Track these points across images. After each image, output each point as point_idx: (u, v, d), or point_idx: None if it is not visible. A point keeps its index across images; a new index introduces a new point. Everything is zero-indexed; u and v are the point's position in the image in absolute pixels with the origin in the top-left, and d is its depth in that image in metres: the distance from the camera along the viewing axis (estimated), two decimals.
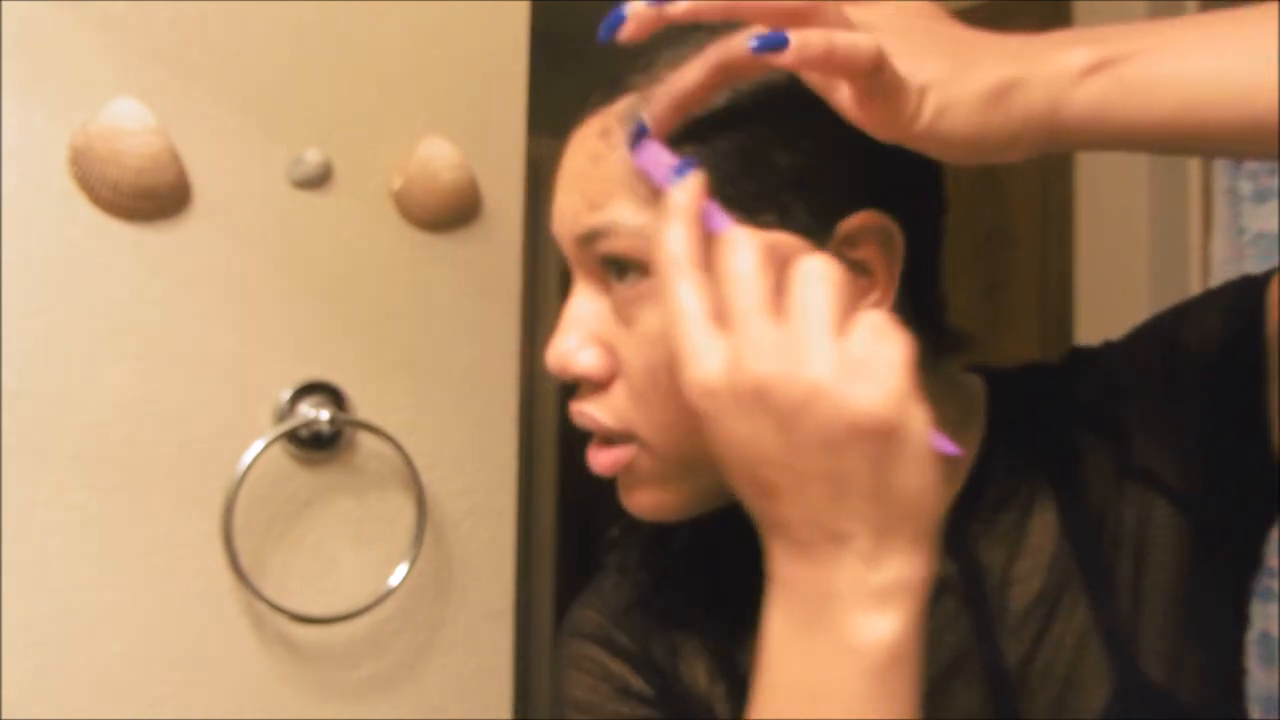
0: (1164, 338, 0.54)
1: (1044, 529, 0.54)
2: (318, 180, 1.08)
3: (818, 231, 0.48)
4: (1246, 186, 1.73)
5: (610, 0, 0.45)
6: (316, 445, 1.07)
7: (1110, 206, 1.80)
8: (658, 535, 0.61)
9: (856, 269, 0.49)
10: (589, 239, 0.50)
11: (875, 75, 0.41)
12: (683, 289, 0.42)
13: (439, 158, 1.13)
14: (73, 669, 0.96)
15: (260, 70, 1.05)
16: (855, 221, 0.48)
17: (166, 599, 1.00)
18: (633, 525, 0.62)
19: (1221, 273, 1.77)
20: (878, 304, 0.48)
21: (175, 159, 0.99)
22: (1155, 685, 0.52)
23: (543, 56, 1.35)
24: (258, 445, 1.01)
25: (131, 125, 0.96)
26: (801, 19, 0.41)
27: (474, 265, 1.18)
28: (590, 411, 0.53)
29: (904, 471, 0.40)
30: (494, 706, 1.19)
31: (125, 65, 0.98)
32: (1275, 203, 1.70)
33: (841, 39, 0.40)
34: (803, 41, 0.40)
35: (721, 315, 0.41)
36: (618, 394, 0.51)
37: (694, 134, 0.49)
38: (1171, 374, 0.53)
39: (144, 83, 0.99)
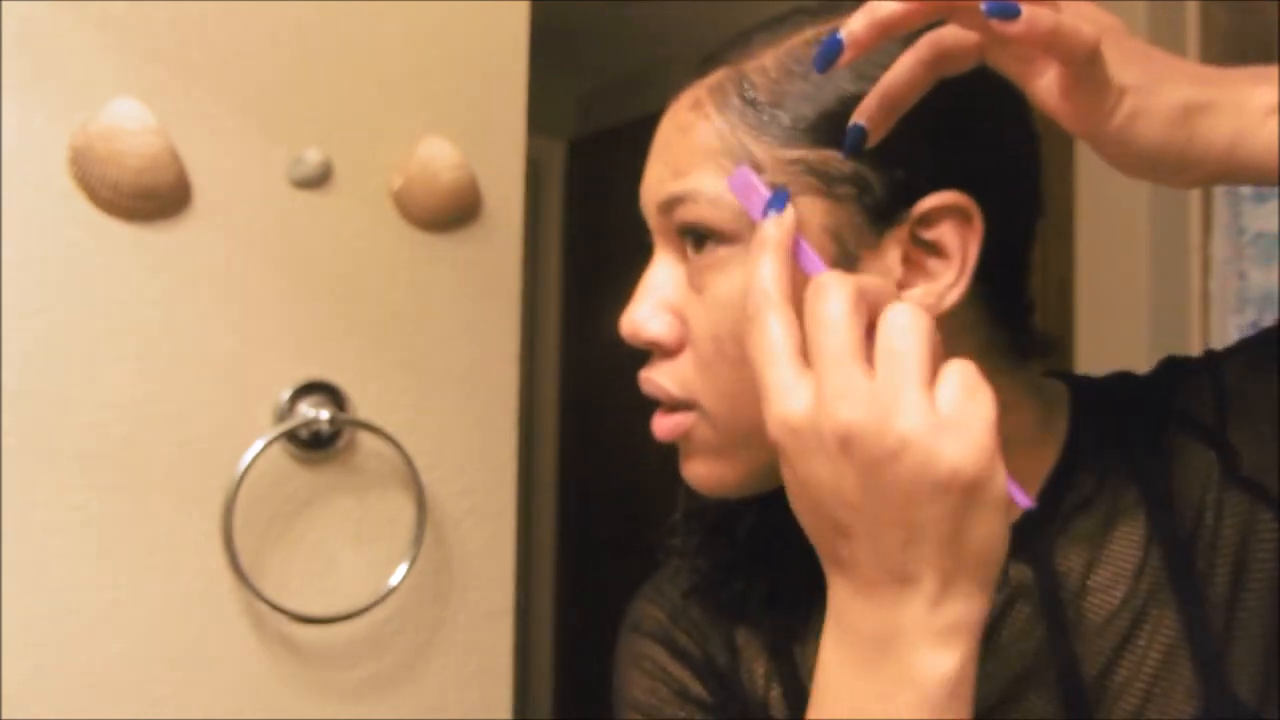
0: None
1: (1129, 537, 0.54)
2: (318, 180, 1.08)
3: (894, 208, 0.48)
4: (1246, 186, 1.73)
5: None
6: (316, 445, 1.07)
7: (1110, 206, 1.80)
8: (720, 521, 0.61)
9: (932, 249, 0.49)
10: (670, 205, 0.52)
11: (1089, 65, 0.41)
12: (772, 323, 0.43)
13: (439, 158, 1.13)
14: (73, 669, 0.96)
15: (260, 70, 1.05)
16: (933, 200, 0.48)
17: (166, 599, 1.00)
18: (696, 510, 0.62)
19: (1221, 273, 1.77)
20: (952, 287, 0.49)
21: (175, 159, 0.99)
22: (1243, 702, 0.51)
23: (543, 56, 1.35)
24: (258, 445, 1.01)
25: (131, 125, 0.96)
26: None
27: (474, 265, 1.18)
28: (657, 379, 0.54)
29: (979, 523, 0.41)
30: (494, 706, 1.19)
31: (125, 65, 0.98)
32: (1275, 203, 1.70)
33: (1068, 21, 0.40)
34: (1033, 15, 0.40)
35: (809, 357, 0.42)
36: (685, 362, 0.53)
37: (779, 102, 0.49)
38: None
39: (144, 83, 0.99)
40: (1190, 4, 1.79)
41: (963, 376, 0.41)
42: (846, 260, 0.49)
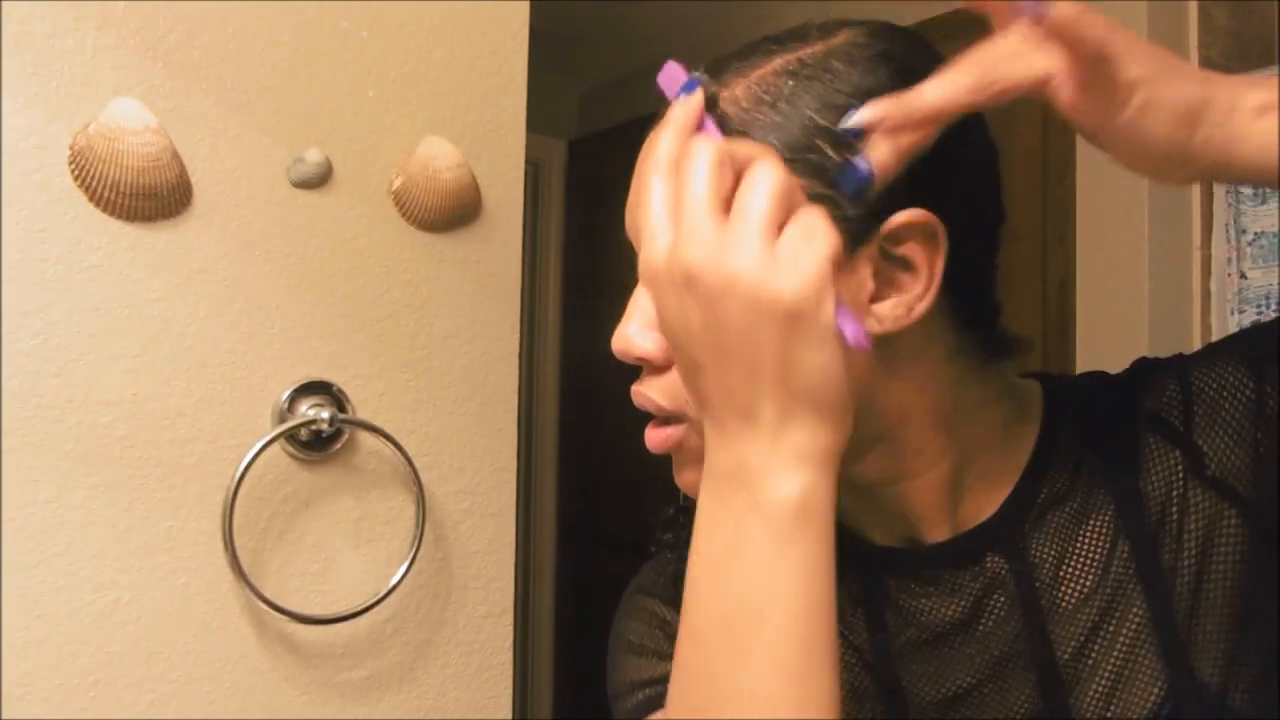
0: (1253, 360, 0.55)
1: (1099, 531, 0.56)
2: (318, 180, 1.08)
3: (864, 228, 0.51)
4: (1246, 186, 1.74)
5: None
6: (316, 445, 1.07)
7: (1110, 206, 1.80)
8: None
9: (900, 264, 0.51)
10: None
11: (1101, 60, 0.44)
12: (655, 184, 0.47)
13: (439, 158, 1.13)
14: (73, 669, 0.96)
15: (260, 70, 1.05)
16: (900, 218, 0.51)
17: (166, 599, 1.00)
18: (686, 506, 0.65)
19: (1221, 273, 1.77)
20: (920, 299, 0.51)
21: (175, 159, 0.99)
22: (1208, 687, 0.53)
23: (543, 56, 1.35)
24: (258, 445, 1.01)
25: (132, 125, 0.96)
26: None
27: (474, 265, 1.18)
28: (647, 393, 0.56)
29: (808, 353, 0.44)
30: (494, 706, 1.19)
31: (125, 65, 0.98)
32: (1275, 203, 1.70)
33: (1082, 15, 0.44)
34: (1052, 8, 0.43)
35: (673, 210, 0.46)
36: (674, 377, 0.55)
37: (749, 131, 0.51)
38: (1260, 396, 0.54)
39: (144, 83, 0.99)
40: (1190, 4, 1.79)
41: (803, 223, 0.45)
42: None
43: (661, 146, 0.48)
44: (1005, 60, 0.45)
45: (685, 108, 0.49)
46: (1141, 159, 0.47)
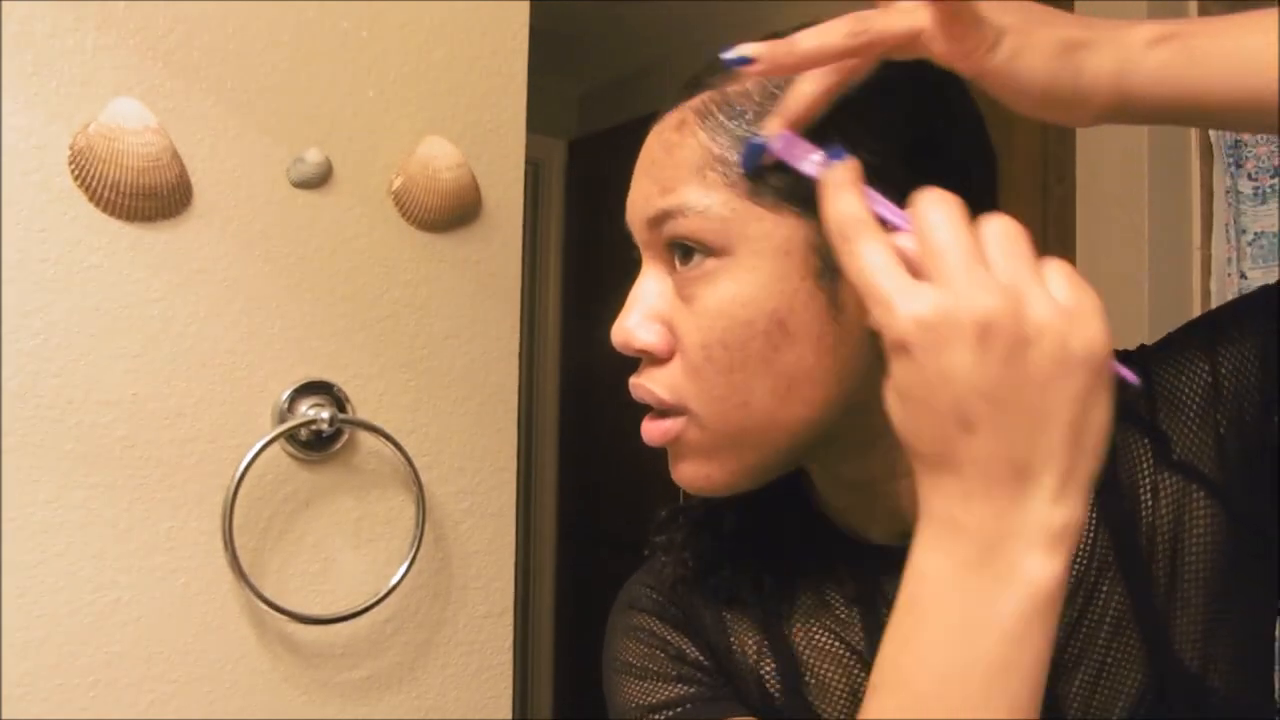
0: (1207, 344, 0.56)
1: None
2: (318, 180, 1.08)
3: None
4: (1247, 186, 1.73)
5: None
6: (316, 445, 1.07)
7: (1110, 206, 1.80)
8: (705, 517, 0.64)
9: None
10: (659, 220, 0.54)
11: (960, 9, 0.45)
12: (871, 240, 0.45)
13: (439, 158, 1.13)
14: (73, 669, 0.96)
15: (260, 70, 1.05)
16: None
17: (166, 599, 1.00)
18: (681, 508, 0.66)
19: (1221, 273, 1.77)
20: None
21: (175, 159, 0.99)
22: (1187, 670, 0.54)
23: (543, 56, 1.35)
24: (258, 445, 1.01)
25: (132, 125, 0.96)
26: None
27: (474, 265, 1.18)
28: (647, 385, 0.56)
29: (1099, 406, 0.43)
30: (494, 706, 1.19)
31: (125, 65, 0.98)
32: (1275, 203, 1.70)
33: None
34: None
35: (927, 263, 0.44)
36: (674, 369, 0.55)
37: (762, 123, 0.52)
38: (1215, 379, 0.55)
39: (144, 83, 0.99)
40: (1190, 4, 1.79)
41: (1068, 271, 0.44)
42: (828, 273, 0.51)
43: (849, 205, 0.46)
44: (878, 15, 0.47)
45: (848, 171, 0.48)
46: (1027, 101, 0.48)
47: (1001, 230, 0.44)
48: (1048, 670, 0.44)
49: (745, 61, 0.48)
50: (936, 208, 0.44)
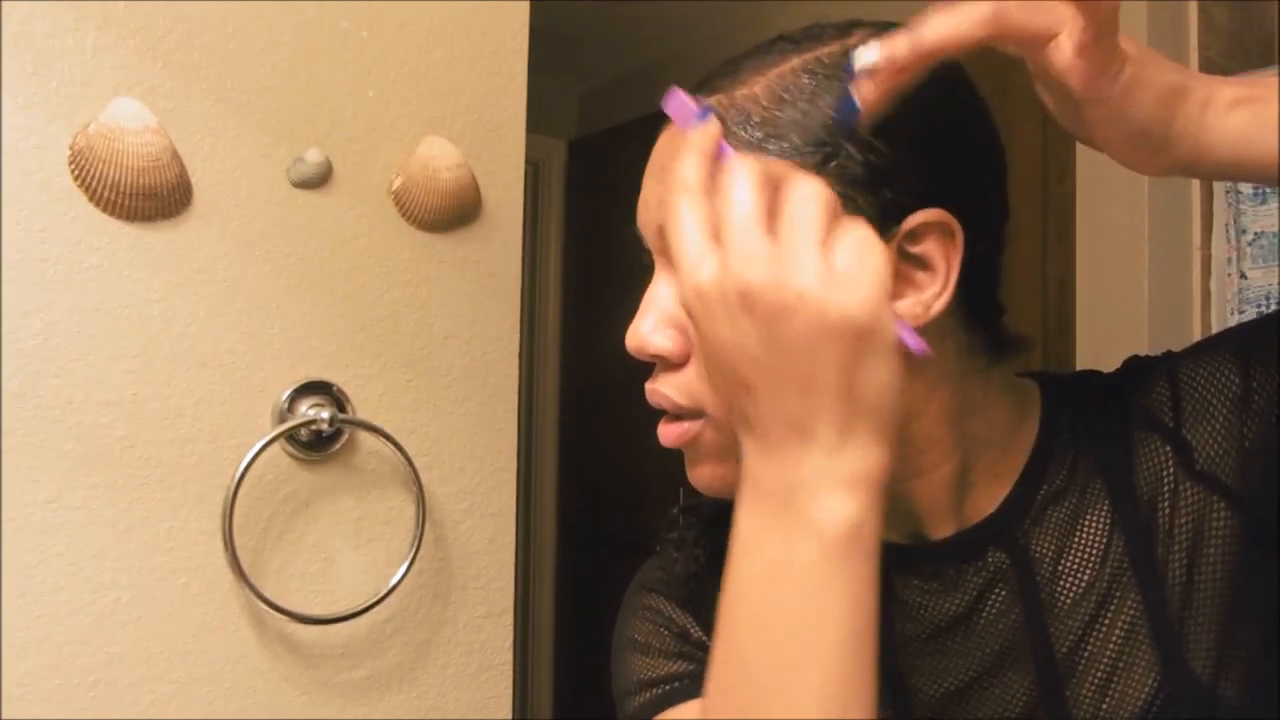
0: (1239, 355, 0.56)
1: (1096, 525, 0.57)
2: (318, 180, 1.08)
3: (883, 226, 0.51)
4: (1247, 186, 1.73)
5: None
6: (316, 445, 1.07)
7: (1110, 206, 1.80)
8: (716, 515, 0.64)
9: (918, 263, 0.52)
10: None
11: (1110, 24, 0.44)
12: (685, 206, 0.47)
13: (439, 158, 1.13)
14: (73, 669, 0.96)
15: (260, 70, 1.05)
16: (919, 218, 0.51)
17: (166, 599, 1.00)
18: (692, 505, 0.66)
19: (1221, 273, 1.77)
20: (937, 297, 0.52)
21: (175, 159, 0.99)
22: (1199, 678, 0.54)
23: (543, 56, 1.35)
24: (258, 445, 1.01)
25: (131, 125, 0.96)
26: None
27: (474, 265, 1.18)
28: (662, 390, 0.56)
29: (870, 371, 0.44)
30: (494, 706, 1.19)
31: (125, 65, 0.98)
32: (1275, 203, 1.70)
33: None
34: None
35: (717, 231, 0.45)
36: (689, 373, 0.55)
37: (771, 128, 0.52)
38: (1246, 391, 0.55)
39: (144, 83, 0.99)
40: (1190, 4, 1.79)
41: (855, 237, 0.45)
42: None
43: (685, 171, 0.47)
44: (1019, 7, 0.46)
45: (704, 134, 0.48)
46: (1122, 138, 0.48)
47: (795, 195, 0.45)
48: (872, 624, 0.45)
49: (866, 72, 0.48)
50: (733, 173, 0.46)
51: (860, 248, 0.44)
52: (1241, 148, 0.47)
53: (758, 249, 0.44)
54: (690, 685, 0.61)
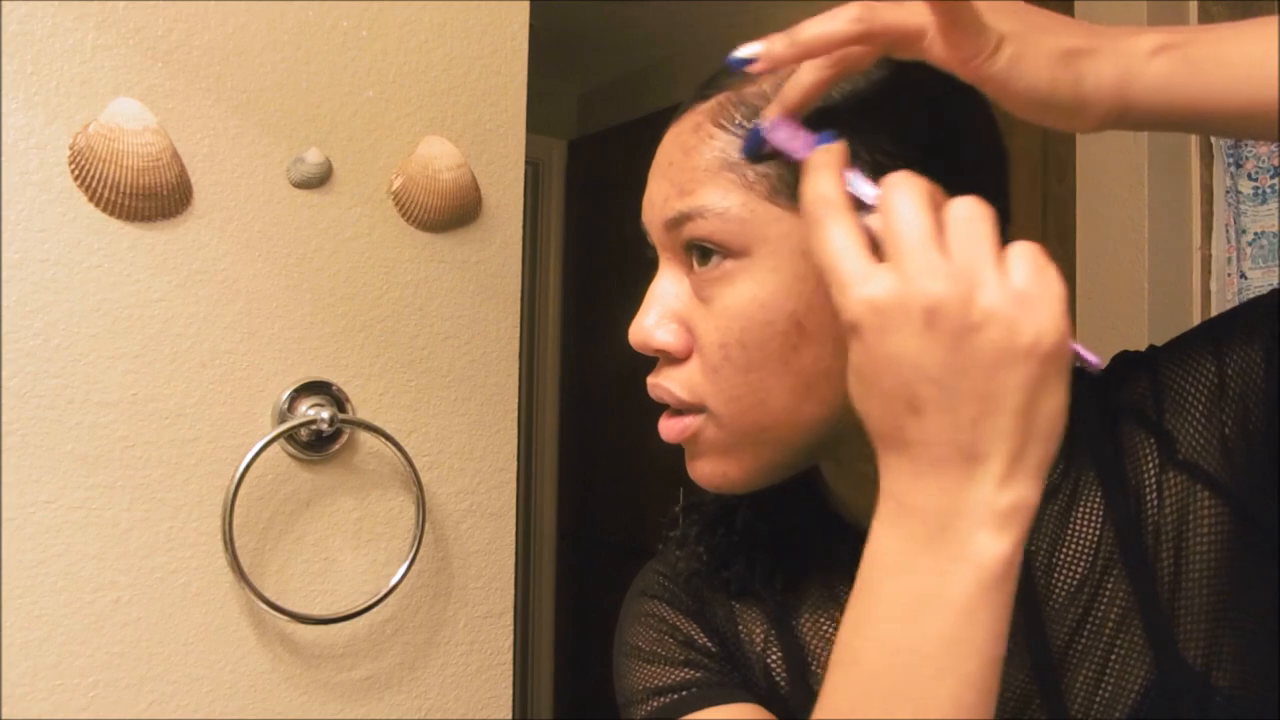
0: (1214, 345, 0.57)
1: (1088, 518, 0.58)
2: (318, 180, 1.08)
3: None
4: (1246, 186, 1.74)
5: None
6: (316, 445, 1.07)
7: (1110, 206, 1.80)
8: (718, 513, 0.65)
9: None
10: (677, 222, 0.55)
11: (957, 8, 0.45)
12: (840, 221, 0.46)
13: (439, 158, 1.13)
14: (72, 669, 0.96)
15: (260, 70, 1.05)
16: None
17: (167, 599, 1.00)
18: (694, 504, 0.67)
19: (1221, 273, 1.77)
20: None
21: (175, 159, 0.99)
22: (1192, 668, 0.54)
23: (543, 56, 1.35)
24: (258, 445, 1.01)
25: (131, 125, 0.96)
26: None
27: (474, 265, 1.18)
28: (665, 384, 0.56)
29: (1050, 394, 0.43)
30: (494, 706, 1.19)
31: (125, 65, 0.98)
32: (1275, 203, 1.70)
33: None
34: None
35: (887, 246, 0.44)
36: (691, 369, 0.55)
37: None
38: (1221, 379, 0.55)
39: (144, 83, 0.99)
40: (1190, 4, 1.79)
41: (1031, 256, 0.44)
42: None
43: (824, 189, 0.47)
44: (886, 7, 0.47)
45: (833, 154, 0.48)
46: (1027, 107, 0.48)
47: (964, 214, 0.44)
48: (1004, 650, 0.44)
49: (747, 62, 0.48)
50: (900, 190, 0.45)
51: (1036, 265, 0.43)
52: (1169, 95, 0.47)
53: (939, 264, 0.43)
54: (702, 693, 0.61)
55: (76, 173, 0.95)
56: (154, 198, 0.98)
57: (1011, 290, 0.42)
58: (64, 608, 0.95)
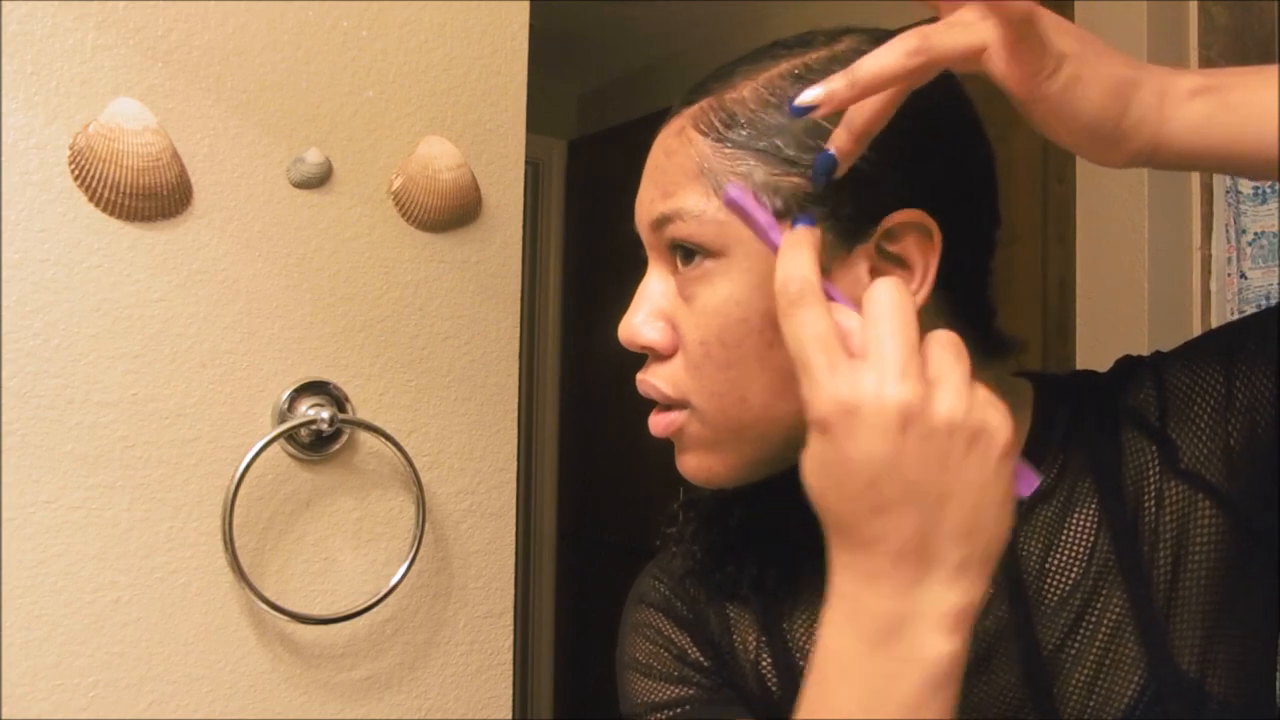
0: (1223, 354, 0.57)
1: (1084, 523, 0.58)
2: (318, 180, 1.08)
3: (862, 225, 0.52)
4: (1246, 186, 1.73)
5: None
6: (316, 445, 1.07)
7: (1110, 206, 1.80)
8: (714, 511, 0.66)
9: (896, 262, 0.53)
10: (660, 223, 0.56)
11: (1027, 24, 0.45)
12: (811, 309, 0.46)
13: (439, 158, 1.13)
14: (72, 669, 0.96)
15: (260, 70, 1.05)
16: (896, 218, 0.52)
17: (166, 599, 1.00)
18: (691, 502, 0.68)
19: (1221, 273, 1.77)
20: (914, 295, 0.52)
21: (175, 159, 0.99)
22: (1186, 675, 0.55)
23: (543, 56, 1.35)
24: (258, 445, 1.01)
25: (131, 125, 0.96)
26: None
27: (474, 265, 1.18)
28: (651, 380, 0.58)
29: (1002, 491, 0.45)
30: (494, 706, 1.19)
31: (125, 65, 0.98)
32: (1275, 203, 1.70)
33: None
34: None
35: (864, 343, 0.45)
36: (676, 365, 0.57)
37: (755, 131, 0.53)
38: (1229, 390, 0.56)
39: (144, 83, 0.99)
40: (1190, 4, 1.79)
41: (983, 384, 0.46)
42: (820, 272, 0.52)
43: (795, 270, 0.47)
44: (941, 30, 0.47)
45: (809, 236, 0.49)
46: (1073, 132, 0.48)
47: (945, 336, 0.46)
48: None
49: (811, 109, 0.48)
50: (888, 291, 0.46)
51: (989, 393, 0.46)
52: (1203, 137, 0.47)
53: (916, 369, 0.44)
54: (695, 710, 0.62)
55: (76, 173, 0.95)
56: (154, 198, 0.98)
57: (969, 398, 0.44)
58: (64, 608, 0.95)
